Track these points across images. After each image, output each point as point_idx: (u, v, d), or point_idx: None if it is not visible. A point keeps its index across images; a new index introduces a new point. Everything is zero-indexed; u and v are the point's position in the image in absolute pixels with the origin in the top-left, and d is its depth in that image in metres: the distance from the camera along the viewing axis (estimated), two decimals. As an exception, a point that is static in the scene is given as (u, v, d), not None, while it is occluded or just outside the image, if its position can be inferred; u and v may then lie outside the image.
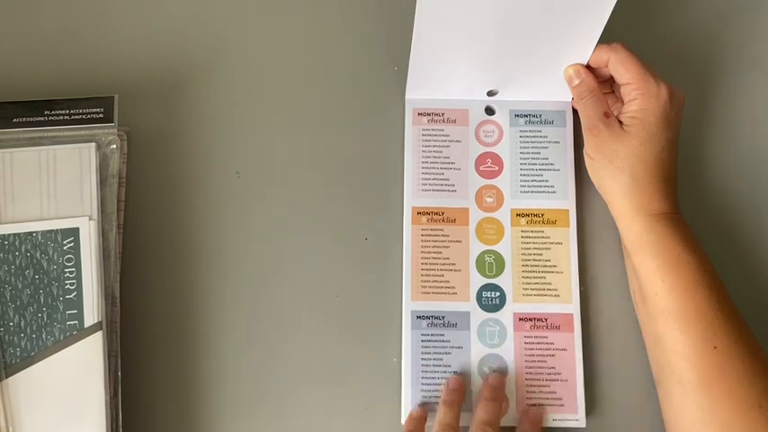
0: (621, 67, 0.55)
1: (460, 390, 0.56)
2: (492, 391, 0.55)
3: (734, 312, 0.52)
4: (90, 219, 0.55)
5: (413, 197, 0.60)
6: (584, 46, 0.57)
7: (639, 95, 0.55)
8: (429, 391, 0.56)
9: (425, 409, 0.56)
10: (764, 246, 0.61)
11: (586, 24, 0.55)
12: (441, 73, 0.60)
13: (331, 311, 0.58)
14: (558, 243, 0.59)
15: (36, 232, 0.54)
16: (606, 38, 0.56)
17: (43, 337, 0.53)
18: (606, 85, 0.59)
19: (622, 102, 0.57)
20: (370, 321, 0.58)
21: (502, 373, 0.57)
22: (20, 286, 0.54)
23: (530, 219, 0.60)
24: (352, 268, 0.59)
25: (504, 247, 0.59)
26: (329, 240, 0.60)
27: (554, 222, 0.60)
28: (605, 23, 0.54)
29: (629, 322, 0.58)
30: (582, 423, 0.56)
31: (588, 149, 0.57)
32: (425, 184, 0.60)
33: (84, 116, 0.58)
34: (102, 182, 0.56)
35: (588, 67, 0.58)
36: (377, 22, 0.65)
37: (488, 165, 0.61)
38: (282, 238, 0.59)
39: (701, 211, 0.61)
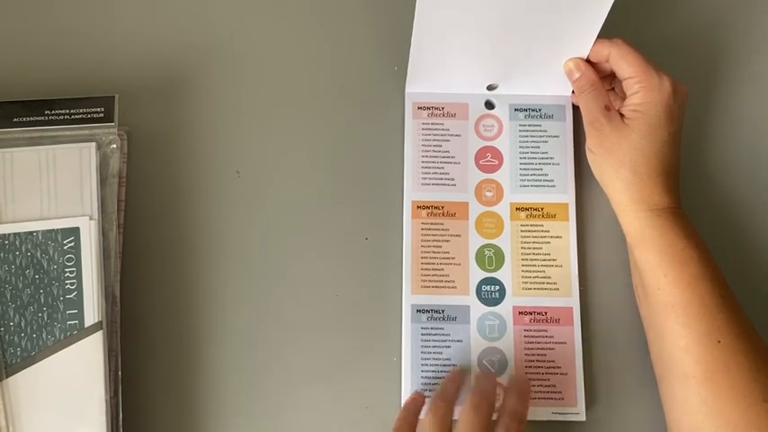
0: (623, 62, 0.53)
1: (457, 382, 0.54)
2: (482, 391, 0.53)
3: (737, 307, 0.50)
4: (90, 218, 0.53)
5: (413, 191, 0.58)
6: (583, 40, 0.55)
7: (642, 88, 0.53)
8: (428, 384, 0.55)
9: (421, 396, 0.54)
10: (766, 240, 0.59)
11: (586, 18, 0.53)
12: (441, 67, 0.58)
13: (331, 311, 0.57)
14: (557, 237, 0.58)
15: (36, 232, 0.53)
16: (608, 34, 0.54)
17: (43, 336, 0.51)
18: (606, 81, 0.57)
19: (623, 98, 0.55)
20: (369, 321, 0.57)
21: (493, 373, 0.55)
22: (20, 286, 0.52)
23: (529, 213, 0.58)
24: (352, 267, 0.57)
25: (503, 241, 0.58)
26: (329, 239, 0.58)
27: (553, 216, 0.58)
28: (605, 17, 0.53)
29: (629, 315, 0.56)
30: (582, 416, 0.54)
31: (590, 143, 0.55)
32: (425, 179, 0.59)
33: (84, 116, 0.56)
34: (103, 181, 0.55)
35: (588, 61, 0.56)
36: (377, 21, 0.63)
37: (488, 159, 0.59)
38: (282, 237, 0.58)
39: (703, 205, 0.59)
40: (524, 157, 0.59)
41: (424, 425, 0.50)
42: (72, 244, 0.53)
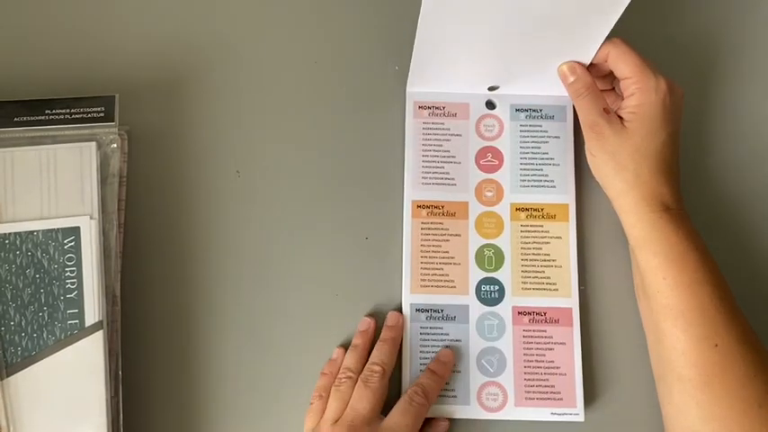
0: (620, 62, 0.53)
1: (370, 331, 0.55)
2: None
3: (735, 310, 0.50)
4: (91, 218, 0.53)
5: (413, 190, 0.58)
6: (588, 45, 0.54)
7: (638, 90, 0.52)
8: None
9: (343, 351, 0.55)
10: (766, 241, 0.59)
11: (594, 24, 0.52)
12: (443, 67, 0.57)
13: (331, 311, 0.56)
14: (557, 237, 0.57)
15: (37, 231, 0.53)
16: (609, 34, 0.53)
17: (44, 336, 0.51)
18: (607, 81, 0.56)
19: (623, 98, 0.54)
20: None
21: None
22: (21, 285, 0.52)
23: (529, 213, 0.58)
24: (352, 267, 0.57)
25: (503, 241, 0.57)
26: (329, 239, 0.58)
27: (553, 217, 0.58)
28: (613, 24, 0.52)
29: (628, 316, 0.56)
30: (581, 417, 0.54)
31: (590, 147, 0.54)
32: (425, 178, 0.58)
33: (84, 115, 0.56)
34: (103, 181, 0.54)
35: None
36: (377, 21, 0.62)
37: (488, 159, 0.59)
38: (282, 236, 0.57)
39: (703, 205, 0.58)
40: (525, 158, 0.59)
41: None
42: (72, 243, 0.52)
